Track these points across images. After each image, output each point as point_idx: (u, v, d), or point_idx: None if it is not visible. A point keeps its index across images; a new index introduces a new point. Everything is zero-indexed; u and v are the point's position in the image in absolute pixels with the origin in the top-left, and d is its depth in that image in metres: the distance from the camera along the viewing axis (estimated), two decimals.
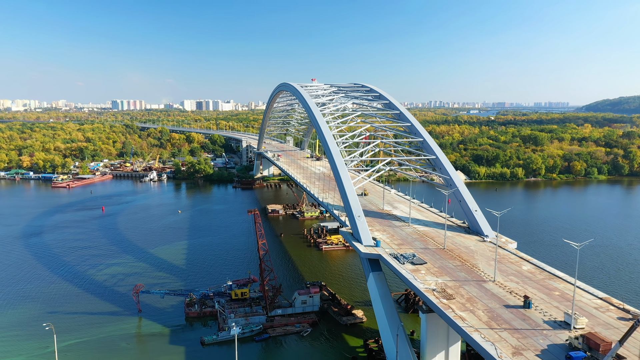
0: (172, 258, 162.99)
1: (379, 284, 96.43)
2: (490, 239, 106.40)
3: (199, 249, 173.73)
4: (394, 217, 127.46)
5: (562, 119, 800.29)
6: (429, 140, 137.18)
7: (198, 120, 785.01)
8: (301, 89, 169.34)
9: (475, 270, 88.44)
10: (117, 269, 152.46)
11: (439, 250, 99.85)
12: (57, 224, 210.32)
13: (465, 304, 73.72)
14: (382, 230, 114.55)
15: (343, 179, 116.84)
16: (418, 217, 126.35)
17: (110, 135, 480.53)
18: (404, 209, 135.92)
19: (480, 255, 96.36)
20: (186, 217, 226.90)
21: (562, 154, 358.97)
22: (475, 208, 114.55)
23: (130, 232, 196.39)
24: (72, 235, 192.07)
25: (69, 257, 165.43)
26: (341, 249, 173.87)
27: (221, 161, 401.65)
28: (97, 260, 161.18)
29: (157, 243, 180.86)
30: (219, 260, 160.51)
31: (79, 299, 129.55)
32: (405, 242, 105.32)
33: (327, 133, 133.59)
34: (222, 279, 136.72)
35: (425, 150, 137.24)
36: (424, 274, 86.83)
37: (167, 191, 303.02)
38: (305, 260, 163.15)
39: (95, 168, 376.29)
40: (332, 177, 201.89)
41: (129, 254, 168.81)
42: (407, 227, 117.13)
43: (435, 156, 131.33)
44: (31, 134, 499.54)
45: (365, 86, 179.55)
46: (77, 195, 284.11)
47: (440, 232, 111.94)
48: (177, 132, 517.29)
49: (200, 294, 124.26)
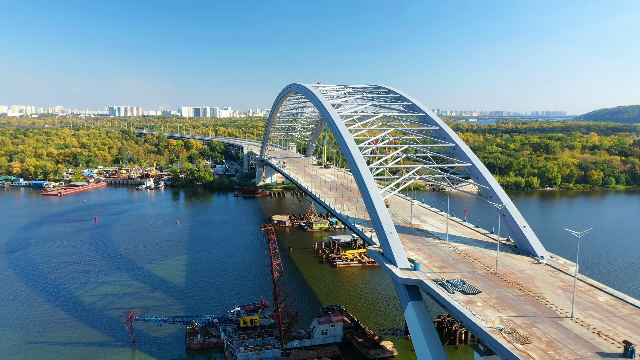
0: (171, 276, 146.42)
1: (421, 316, 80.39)
2: (547, 261, 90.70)
3: (200, 265, 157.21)
4: (425, 233, 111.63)
5: (564, 127, 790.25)
6: (461, 145, 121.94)
7: (196, 126, 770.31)
8: (314, 89, 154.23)
9: (542, 302, 72.58)
10: (108, 289, 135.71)
11: (490, 276, 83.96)
12: (45, 236, 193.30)
13: (548, 351, 57.80)
14: (415, 249, 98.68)
15: (370, 190, 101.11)
16: (453, 233, 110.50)
17: (105, 141, 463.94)
18: (434, 223, 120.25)
19: (541, 282, 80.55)
20: (185, 228, 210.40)
21: (577, 162, 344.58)
22: (524, 224, 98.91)
23: (125, 246, 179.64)
24: (60, 249, 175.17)
25: (54, 274, 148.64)
26: (357, 265, 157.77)
27: (221, 168, 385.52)
28: (86, 278, 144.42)
29: (153, 258, 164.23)
30: (223, 280, 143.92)
31: (62, 325, 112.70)
32: (447, 265, 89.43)
33: (348, 137, 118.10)
34: (227, 303, 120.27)
35: (458, 156, 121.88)
36: (482, 307, 70.91)
37: (164, 200, 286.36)
38: (318, 278, 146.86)
39: (89, 175, 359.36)
40: (345, 185, 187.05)
41: (123, 270, 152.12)
42: (444, 246, 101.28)
43: (471, 163, 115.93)
44: (24, 139, 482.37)
45: (382, 87, 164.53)
46: (69, 204, 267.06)
47: (485, 252, 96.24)
48: (175, 138, 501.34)
49: (204, 321, 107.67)
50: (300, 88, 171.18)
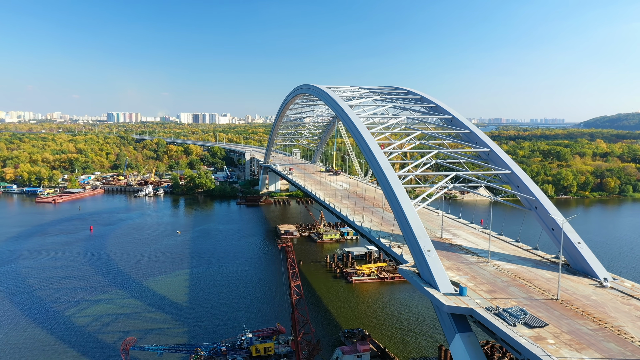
0: (171, 294, 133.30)
1: (472, 350, 67.69)
2: (611, 284, 78.15)
3: (204, 281, 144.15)
4: (460, 249, 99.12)
5: (567, 134, 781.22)
6: (497, 150, 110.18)
7: (195, 132, 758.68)
8: (328, 90, 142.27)
9: (626, 338, 59.98)
10: (102, 309, 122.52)
11: (552, 303, 71.34)
12: (35, 248, 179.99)
13: None
14: (455, 269, 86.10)
15: (401, 201, 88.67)
16: (492, 249, 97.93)
17: (103, 147, 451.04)
18: (467, 237, 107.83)
19: (615, 311, 67.95)
20: (186, 239, 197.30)
21: (591, 169, 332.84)
22: (578, 239, 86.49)
23: (121, 259, 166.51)
24: (50, 262, 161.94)
25: (43, 290, 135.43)
26: (374, 281, 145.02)
27: (222, 175, 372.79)
28: (78, 296, 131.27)
29: (152, 272, 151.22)
30: (230, 299, 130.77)
31: (51, 351, 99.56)
32: (497, 288, 76.82)
33: (372, 141, 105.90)
34: (237, 328, 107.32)
35: (493, 162, 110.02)
36: (555, 345, 58.23)
37: (163, 208, 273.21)
38: (334, 296, 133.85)
39: (86, 181, 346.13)
40: (359, 194, 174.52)
41: (119, 287, 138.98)
42: (486, 265, 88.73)
43: (510, 170, 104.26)
44: (19, 144, 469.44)
45: (400, 88, 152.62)
46: (63, 212, 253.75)
47: (537, 273, 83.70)
48: (175, 144, 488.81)
49: (210, 349, 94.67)
50: (313, 89, 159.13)
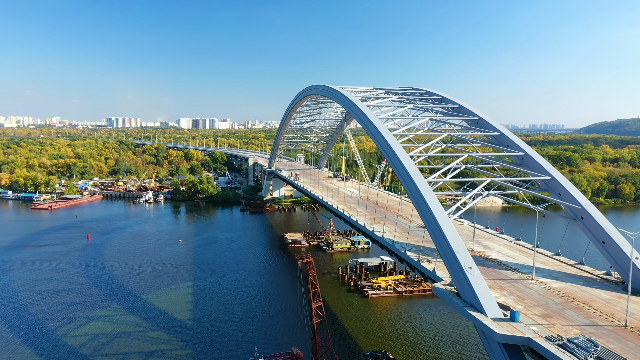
0: (173, 309, 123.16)
1: None
2: None
3: (208, 295, 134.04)
4: (497, 264, 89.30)
5: (570, 140, 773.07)
6: (533, 154, 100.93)
7: (195, 137, 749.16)
8: (342, 90, 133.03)
9: None
10: (99, 327, 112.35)
11: (621, 331, 61.44)
12: (28, 258, 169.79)
13: None
14: (497, 287, 76.27)
15: (434, 211, 78.89)
16: (531, 264, 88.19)
17: (102, 152, 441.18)
18: (501, 250, 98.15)
19: None
20: (188, 248, 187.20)
21: (604, 175, 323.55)
22: (636, 254, 76.77)
23: (120, 270, 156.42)
24: (45, 274, 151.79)
25: (35, 306, 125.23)
26: (392, 295, 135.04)
27: (224, 180, 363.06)
28: (73, 312, 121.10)
29: (153, 286, 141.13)
30: (237, 316, 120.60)
31: None
32: (551, 312, 66.95)
33: (395, 144, 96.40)
34: (246, 350, 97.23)
35: (529, 167, 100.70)
36: None
37: (164, 215, 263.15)
38: (350, 312, 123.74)
39: (83, 187, 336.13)
40: (372, 201, 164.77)
41: (117, 301, 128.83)
42: (531, 282, 78.91)
43: (550, 176, 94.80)
44: (17, 149, 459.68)
45: (417, 88, 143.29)
46: (60, 219, 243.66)
47: (591, 293, 73.85)
48: (175, 149, 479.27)
49: None
50: (325, 89, 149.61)
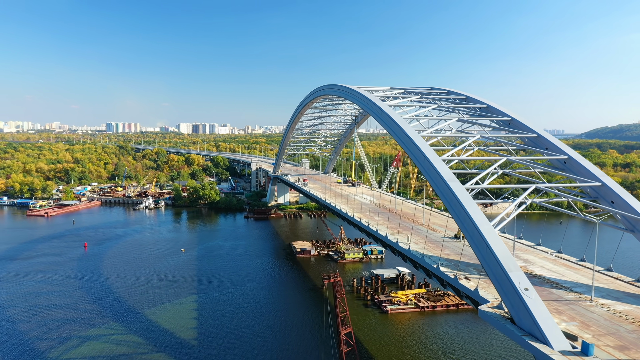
0: (177, 327, 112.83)
1: None
2: None
3: (213, 311, 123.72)
4: (544, 281, 79.24)
5: (574, 145, 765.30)
6: (578, 158, 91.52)
7: (196, 142, 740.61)
8: (360, 89, 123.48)
9: None
10: (96, 347, 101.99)
11: None
12: (20, 270, 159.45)
13: None
14: (553, 311, 65.87)
15: (478, 222, 68.98)
16: (584, 282, 78.23)
17: (101, 156, 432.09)
18: (543, 264, 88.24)
19: None
20: (191, 258, 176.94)
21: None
22: None
23: (119, 283, 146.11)
24: (37, 287, 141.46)
25: (26, 323, 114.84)
26: (413, 310, 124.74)
27: (227, 186, 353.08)
28: (67, 330, 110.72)
29: (154, 300, 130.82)
30: (246, 335, 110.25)
31: None
32: (626, 342, 56.77)
33: (425, 147, 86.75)
34: None
35: (573, 172, 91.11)
36: None
37: (165, 222, 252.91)
38: (370, 330, 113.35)
39: (82, 193, 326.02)
40: (387, 208, 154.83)
41: (115, 318, 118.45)
42: (591, 304, 68.83)
43: (600, 183, 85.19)
44: (14, 154, 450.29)
45: (437, 88, 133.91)
46: (56, 227, 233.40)
47: None
48: (176, 154, 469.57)
49: None
50: (339, 89, 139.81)
